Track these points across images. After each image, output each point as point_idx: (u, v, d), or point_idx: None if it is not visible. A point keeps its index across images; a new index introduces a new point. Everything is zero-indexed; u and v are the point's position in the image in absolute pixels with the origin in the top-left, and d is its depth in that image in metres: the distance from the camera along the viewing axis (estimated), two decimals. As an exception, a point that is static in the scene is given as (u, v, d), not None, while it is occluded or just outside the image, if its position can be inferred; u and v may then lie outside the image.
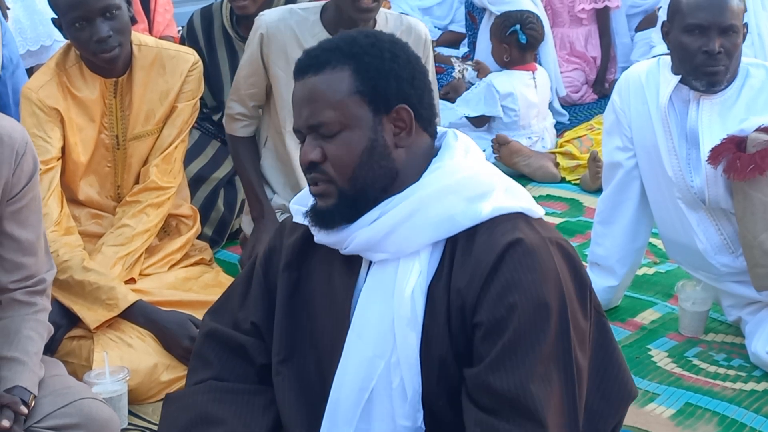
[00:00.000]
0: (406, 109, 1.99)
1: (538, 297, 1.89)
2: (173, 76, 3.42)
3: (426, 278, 1.97)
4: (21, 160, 2.54)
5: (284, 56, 3.55)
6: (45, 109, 3.27)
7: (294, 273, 2.14)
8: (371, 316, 2.00)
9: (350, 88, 1.97)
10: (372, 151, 1.98)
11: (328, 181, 1.99)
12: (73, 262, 3.21)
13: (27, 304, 2.63)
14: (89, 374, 2.99)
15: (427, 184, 1.98)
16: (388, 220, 1.97)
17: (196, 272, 3.53)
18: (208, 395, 2.18)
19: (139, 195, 3.43)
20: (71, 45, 3.33)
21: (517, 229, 1.94)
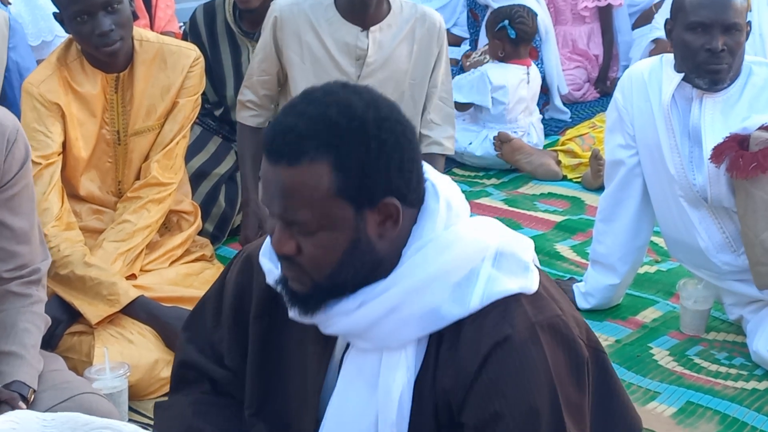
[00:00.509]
0: (393, 204, 1.75)
1: (527, 404, 1.75)
2: (174, 71, 3.41)
3: (413, 374, 1.81)
4: (12, 147, 2.54)
5: (297, 40, 3.57)
6: (46, 103, 3.27)
7: (265, 320, 1.99)
8: (350, 408, 1.85)
9: (330, 187, 1.70)
10: (354, 250, 1.76)
11: (302, 273, 1.80)
12: (74, 257, 3.20)
13: (22, 295, 2.62)
14: (89, 370, 2.98)
15: (411, 273, 1.78)
16: (371, 312, 1.79)
17: (197, 268, 3.52)
18: (194, 407, 2.10)
19: (140, 191, 3.42)
20: (72, 40, 3.32)
21: (506, 320, 1.77)
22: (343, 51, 3.61)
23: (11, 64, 3.67)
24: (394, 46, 3.64)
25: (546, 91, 6.02)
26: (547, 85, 6.00)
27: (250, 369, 2.01)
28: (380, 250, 1.78)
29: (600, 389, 1.94)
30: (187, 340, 2.17)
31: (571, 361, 1.82)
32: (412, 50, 3.71)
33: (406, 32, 3.64)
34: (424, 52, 3.73)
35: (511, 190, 5.04)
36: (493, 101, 5.39)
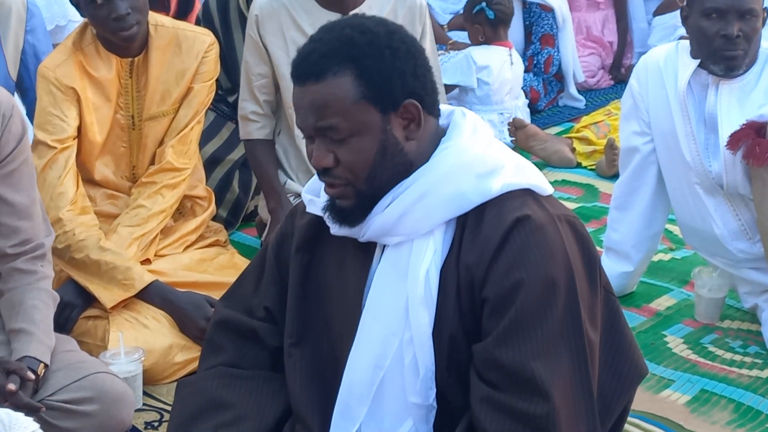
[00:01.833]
0: (414, 104, 1.97)
1: (545, 274, 1.90)
2: (189, 56, 3.41)
3: (440, 257, 1.98)
4: (9, 123, 2.58)
5: (281, 36, 3.52)
6: (62, 87, 3.27)
7: (306, 256, 2.14)
8: (385, 297, 2.00)
9: (355, 94, 1.93)
10: (385, 151, 1.96)
11: (344, 184, 1.98)
12: (89, 241, 3.21)
13: (28, 272, 2.65)
14: (104, 354, 2.99)
15: (436, 165, 1.98)
16: (400, 204, 1.97)
17: (212, 254, 3.52)
18: (218, 380, 2.18)
19: (155, 176, 3.42)
20: (87, 24, 3.32)
21: (526, 205, 1.95)
22: None
23: (28, 48, 3.67)
24: None
25: (561, 78, 6.01)
26: (562, 73, 5.98)
27: (291, 300, 2.14)
28: (408, 151, 1.98)
29: (609, 331, 2.07)
30: (223, 305, 2.31)
31: (585, 257, 1.99)
32: None
33: (387, 13, 3.57)
34: None
35: (525, 177, 5.01)
36: (479, 82, 5.42)
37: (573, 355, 1.92)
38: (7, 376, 2.48)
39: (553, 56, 5.90)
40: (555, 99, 6.06)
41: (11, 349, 2.59)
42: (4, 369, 2.50)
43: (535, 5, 5.95)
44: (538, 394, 1.89)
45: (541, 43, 5.94)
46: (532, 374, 1.88)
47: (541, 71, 5.92)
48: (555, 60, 5.92)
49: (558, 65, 5.94)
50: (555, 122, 5.79)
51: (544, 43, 5.94)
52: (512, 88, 5.51)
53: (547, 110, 5.98)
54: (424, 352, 1.97)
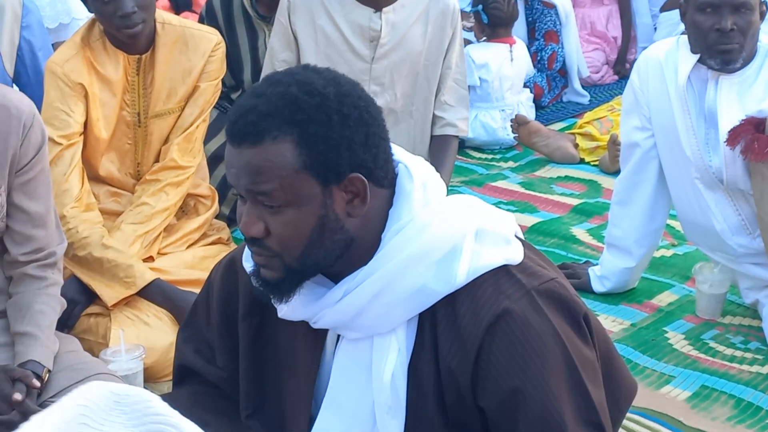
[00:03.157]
0: (359, 178, 1.72)
1: (543, 371, 1.73)
2: (196, 55, 3.42)
3: (405, 356, 1.79)
4: (29, 132, 2.57)
5: (311, 24, 3.56)
6: (69, 83, 3.28)
7: (255, 319, 1.95)
8: (347, 397, 1.83)
9: (295, 163, 1.68)
10: (323, 227, 1.73)
11: (272, 256, 1.76)
12: (92, 238, 3.22)
13: (38, 278, 2.66)
14: (105, 352, 3.00)
15: (390, 255, 1.75)
16: (355, 300, 1.76)
17: (214, 251, 3.53)
18: (193, 397, 2.07)
19: (159, 173, 3.43)
20: (95, 20, 3.34)
21: (500, 292, 1.75)
22: (357, 33, 3.60)
23: (24, 44, 3.67)
24: (408, 27, 3.62)
25: (565, 74, 6.01)
26: (566, 69, 5.98)
27: (243, 370, 1.98)
28: (350, 228, 1.76)
29: (601, 348, 1.90)
30: (183, 341, 2.15)
31: (573, 321, 1.80)
32: (426, 31, 3.69)
33: (420, 13, 3.62)
34: (438, 33, 3.72)
35: (528, 173, 5.03)
36: (479, 80, 5.42)
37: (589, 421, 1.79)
38: (12, 383, 2.49)
39: (557, 52, 5.90)
40: (559, 95, 6.05)
41: (15, 351, 2.59)
42: (9, 377, 2.50)
43: (537, 2, 5.95)
44: None
45: (544, 39, 5.94)
46: None
47: (545, 67, 5.91)
48: (559, 56, 5.92)
49: (562, 61, 5.94)
50: (559, 118, 5.79)
51: (548, 39, 5.94)
52: (513, 84, 5.52)
53: (551, 106, 5.98)
54: None
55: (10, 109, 2.56)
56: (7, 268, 2.68)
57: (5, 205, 2.62)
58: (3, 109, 2.55)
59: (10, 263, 2.67)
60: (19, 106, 2.58)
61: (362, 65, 3.63)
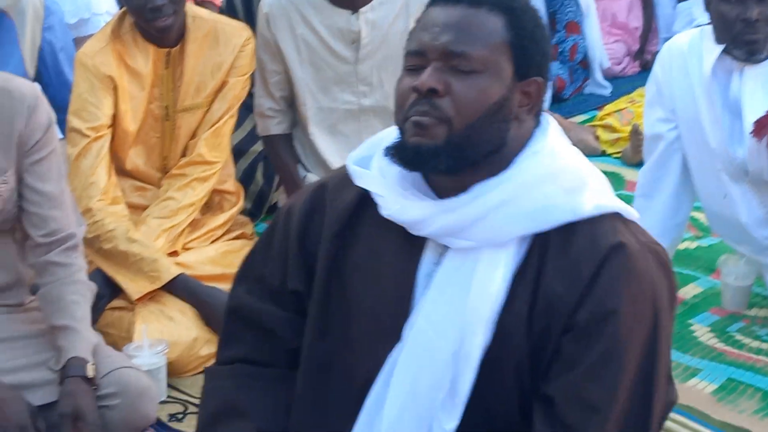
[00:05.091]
0: (538, 83, 1.81)
1: (637, 305, 1.77)
2: (226, 50, 3.42)
3: (510, 273, 1.80)
4: (33, 114, 2.62)
5: (291, 33, 3.53)
6: (99, 75, 3.29)
7: (338, 242, 1.94)
8: (444, 306, 1.82)
9: (504, 36, 1.77)
10: (499, 109, 1.77)
11: (440, 119, 1.76)
12: (118, 231, 3.23)
13: (63, 265, 2.67)
14: (129, 346, 3.01)
15: (524, 170, 1.80)
16: (480, 206, 1.78)
17: (237, 246, 3.53)
18: (235, 380, 2.05)
19: (186, 168, 3.44)
20: (126, 12, 3.34)
21: (618, 231, 1.79)
22: (337, 36, 3.56)
23: (45, 45, 3.69)
24: (389, 25, 3.57)
25: (586, 66, 5.98)
26: (587, 60, 5.96)
27: (317, 290, 1.96)
28: (510, 129, 1.80)
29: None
30: (236, 282, 2.12)
31: (668, 289, 1.85)
32: (407, 26, 3.64)
33: (399, 8, 3.57)
34: None
35: (550, 166, 4.99)
36: None
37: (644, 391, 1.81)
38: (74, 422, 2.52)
39: (579, 44, 5.87)
40: (581, 87, 6.03)
41: (57, 345, 2.61)
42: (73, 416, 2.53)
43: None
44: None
45: (566, 30, 5.91)
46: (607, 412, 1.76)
47: (566, 59, 5.89)
48: (580, 47, 5.90)
49: (584, 53, 5.91)
50: (580, 110, 5.77)
51: (569, 31, 5.91)
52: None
53: (572, 98, 5.96)
54: (467, 374, 1.80)
55: (12, 92, 2.61)
56: (31, 255, 2.71)
57: (15, 189, 2.64)
58: (5, 93, 2.61)
59: (33, 249, 2.69)
60: (22, 89, 2.63)
61: (347, 68, 3.59)
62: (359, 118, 3.63)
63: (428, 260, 1.86)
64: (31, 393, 2.57)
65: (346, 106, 3.62)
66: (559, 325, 1.78)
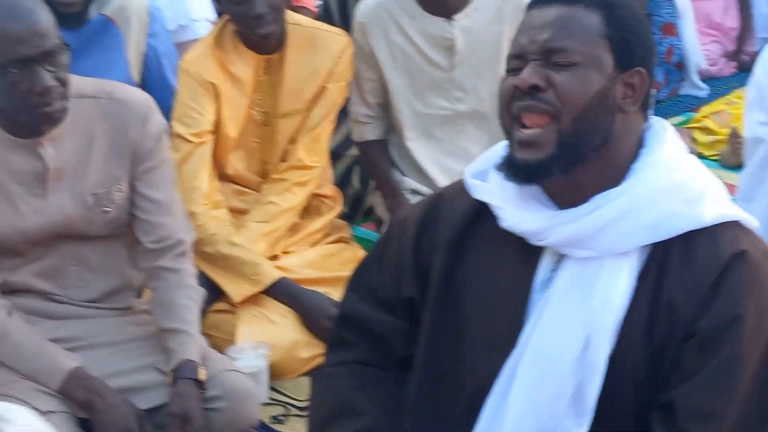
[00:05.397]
0: (642, 75, 1.83)
1: (760, 313, 1.77)
2: (324, 56, 3.45)
3: (632, 282, 1.81)
4: (146, 123, 2.69)
5: (386, 41, 3.56)
6: (201, 82, 3.35)
7: (453, 252, 1.96)
8: (565, 314, 1.83)
9: (601, 31, 1.80)
10: (603, 98, 1.79)
11: (546, 112, 1.78)
12: (220, 236, 3.29)
13: (173, 270, 2.74)
14: (231, 349, 3.06)
15: (644, 182, 1.81)
16: (600, 216, 1.79)
17: (336, 250, 3.57)
18: (352, 380, 2.08)
19: (286, 173, 3.48)
20: (227, 20, 3.40)
21: (739, 240, 1.80)
22: (432, 44, 3.57)
23: (150, 51, 3.76)
24: (484, 30, 3.56)
25: (682, 67, 5.91)
26: (683, 62, 5.89)
27: (431, 299, 1.98)
28: (616, 122, 1.82)
29: None
30: (349, 290, 2.16)
31: None
32: (502, 30, 3.63)
33: (493, 14, 3.56)
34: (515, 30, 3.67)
35: (646, 169, 4.93)
36: None
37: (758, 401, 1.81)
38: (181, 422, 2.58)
39: (675, 46, 5.80)
40: (676, 89, 5.96)
41: (168, 347, 2.67)
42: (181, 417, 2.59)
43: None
44: None
45: (662, 32, 5.84)
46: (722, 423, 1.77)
47: (662, 61, 5.82)
48: (677, 49, 5.82)
49: (680, 55, 5.84)
50: (675, 112, 5.69)
51: (665, 33, 5.84)
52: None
53: (668, 100, 5.89)
54: (593, 382, 1.80)
55: (128, 103, 2.69)
56: (142, 260, 2.77)
57: (128, 196, 2.71)
58: (120, 103, 2.68)
59: (144, 255, 2.76)
60: (136, 99, 2.71)
61: (441, 74, 3.61)
62: (455, 124, 3.64)
63: (545, 269, 1.88)
64: (138, 396, 2.63)
65: (441, 112, 3.64)
66: (680, 332, 1.78)
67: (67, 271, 2.74)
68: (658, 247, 1.81)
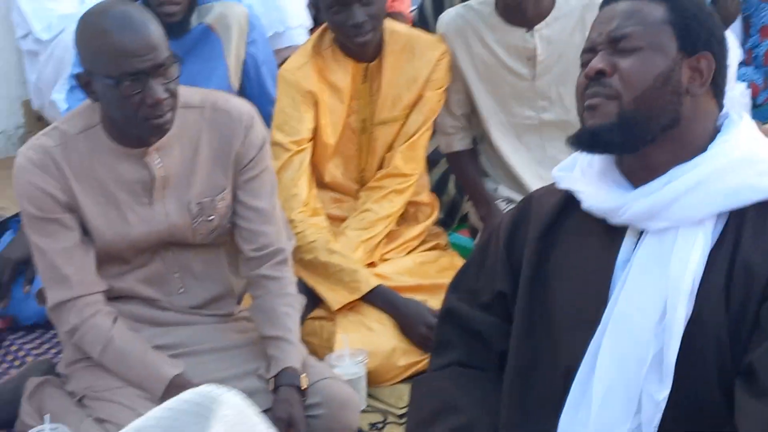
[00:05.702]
0: (708, 59, 1.93)
1: None
2: (422, 63, 3.46)
3: (707, 249, 1.89)
4: (249, 132, 2.73)
5: (468, 52, 3.55)
6: (301, 90, 3.38)
7: (542, 243, 2.07)
8: (643, 287, 1.92)
9: (664, 17, 1.93)
10: (666, 79, 1.91)
11: (610, 96, 1.92)
12: (318, 243, 3.31)
13: (274, 278, 2.77)
14: (330, 356, 3.07)
15: (719, 155, 1.91)
16: (675, 188, 1.89)
17: (432, 257, 3.56)
18: (452, 381, 2.17)
19: (383, 180, 3.49)
20: (326, 29, 3.43)
21: None
22: (513, 54, 3.54)
23: (249, 59, 3.80)
24: (565, 40, 3.52)
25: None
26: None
27: (522, 291, 2.08)
28: (683, 104, 1.92)
29: None
30: (450, 291, 2.27)
31: None
32: (584, 40, 3.57)
33: (576, 22, 3.51)
34: None
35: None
36: None
37: None
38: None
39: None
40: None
41: (269, 355, 2.70)
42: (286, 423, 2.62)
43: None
44: None
45: (760, 34, 5.75)
46: None
47: (761, 64, 5.72)
48: (764, 48, 5.73)
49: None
50: (775, 117, 5.60)
51: (764, 35, 5.74)
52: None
53: (767, 104, 5.79)
54: (672, 345, 1.88)
55: (231, 113, 2.73)
56: (243, 268, 2.81)
57: (231, 205, 2.73)
58: (224, 113, 2.72)
59: (245, 263, 2.80)
60: (240, 108, 2.75)
61: (525, 84, 3.58)
62: (541, 133, 3.61)
63: (626, 248, 1.96)
64: None
65: (527, 121, 3.62)
66: (758, 294, 1.84)
67: (171, 278, 2.79)
68: (734, 216, 1.89)
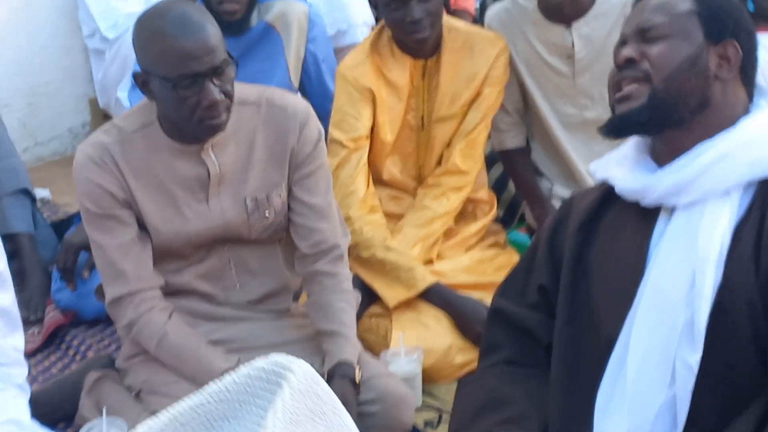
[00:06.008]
0: (735, 46, 2.04)
1: None
2: (480, 60, 3.45)
3: (735, 220, 1.98)
4: (304, 129, 2.74)
5: (513, 48, 3.53)
6: (358, 88, 3.39)
7: (582, 236, 2.18)
8: (675, 257, 2.00)
9: (691, 8, 2.05)
10: (693, 63, 2.03)
11: (641, 79, 2.04)
12: (375, 240, 3.32)
13: (330, 274, 2.79)
14: (386, 353, 3.07)
15: (741, 130, 2.01)
16: (700, 162, 1.99)
17: (491, 254, 3.55)
18: (499, 378, 2.22)
19: (441, 178, 3.49)
20: (384, 26, 3.43)
21: None
22: (552, 51, 3.52)
23: (309, 56, 3.83)
24: (605, 37, 3.47)
25: None
26: None
27: (565, 281, 2.17)
28: (712, 87, 2.03)
29: None
30: (498, 295, 2.38)
31: None
32: None
33: (615, 20, 3.46)
34: None
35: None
36: None
37: None
38: None
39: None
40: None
41: (324, 350, 2.72)
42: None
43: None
44: None
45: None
46: None
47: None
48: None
49: None
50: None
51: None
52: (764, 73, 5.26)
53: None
54: (702, 311, 1.94)
55: (287, 109, 2.74)
56: (299, 265, 2.82)
57: (286, 201, 2.75)
58: (281, 109, 2.73)
59: (301, 259, 2.81)
60: (296, 105, 2.76)
61: (565, 81, 3.56)
62: (586, 131, 3.57)
63: (660, 227, 2.06)
64: None
65: (570, 119, 3.60)
66: None
67: (228, 273, 2.81)
68: (762, 186, 1.97)
